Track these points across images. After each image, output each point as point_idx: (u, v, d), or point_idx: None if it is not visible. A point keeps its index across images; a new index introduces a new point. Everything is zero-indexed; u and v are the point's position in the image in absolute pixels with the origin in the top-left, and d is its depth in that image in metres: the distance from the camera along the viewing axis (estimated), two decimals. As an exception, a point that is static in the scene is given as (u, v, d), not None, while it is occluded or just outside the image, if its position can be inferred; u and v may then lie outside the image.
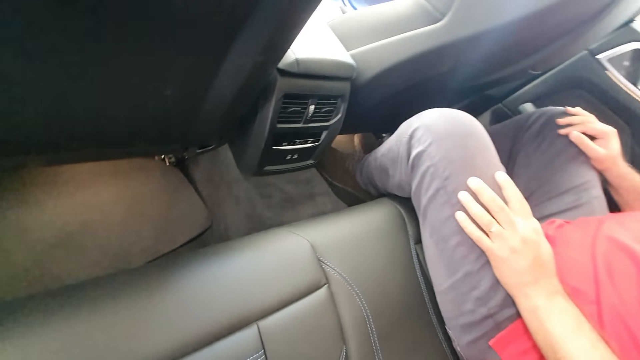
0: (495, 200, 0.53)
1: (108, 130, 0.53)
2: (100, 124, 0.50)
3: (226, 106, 0.56)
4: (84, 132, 0.51)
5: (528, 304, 0.49)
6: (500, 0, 0.55)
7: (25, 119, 0.42)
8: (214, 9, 0.34)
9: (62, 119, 0.45)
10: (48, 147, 0.53)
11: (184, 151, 0.75)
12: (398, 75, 0.71)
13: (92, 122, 0.49)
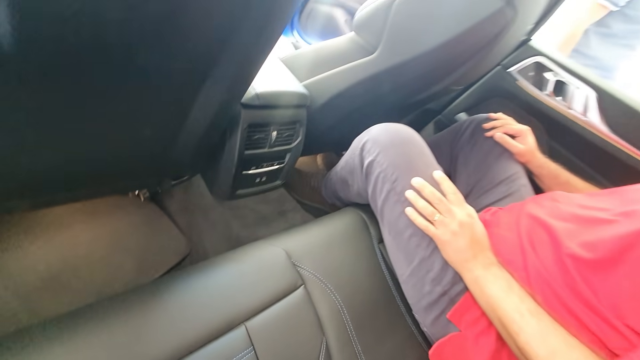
0: (435, 194, 0.64)
1: (88, 173, 0.58)
2: (80, 168, 0.55)
3: (197, 140, 0.63)
4: (64, 176, 0.56)
5: (470, 276, 0.59)
6: (417, 35, 0.69)
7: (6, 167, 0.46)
8: (185, 65, 0.42)
9: (42, 166, 0.50)
10: (28, 192, 0.57)
11: (158, 185, 0.81)
12: (346, 99, 0.82)
13: (73, 166, 0.54)
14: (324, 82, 0.82)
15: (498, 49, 0.81)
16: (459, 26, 0.65)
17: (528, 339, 0.50)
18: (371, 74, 0.74)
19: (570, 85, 1.01)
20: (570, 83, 1.01)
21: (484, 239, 0.63)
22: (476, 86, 1.18)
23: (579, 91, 1.00)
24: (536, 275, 0.59)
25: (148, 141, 0.56)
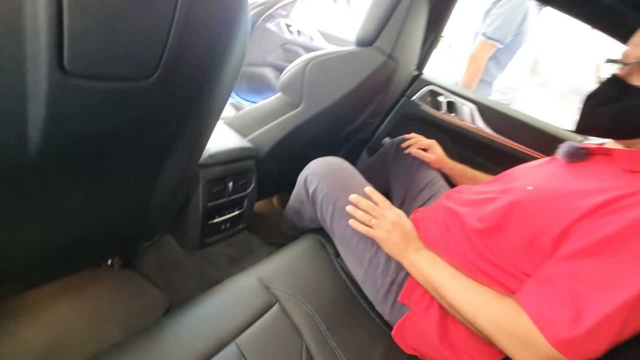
0: (369, 204, 0.80)
1: (69, 251, 0.66)
2: (62, 248, 0.64)
3: (166, 204, 0.75)
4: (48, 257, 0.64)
5: (407, 261, 0.74)
6: (329, 89, 0.90)
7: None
8: (155, 150, 0.56)
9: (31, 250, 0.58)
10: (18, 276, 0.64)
11: (133, 250, 0.89)
12: (285, 146, 1.00)
13: (56, 247, 0.62)
14: (264, 134, 0.99)
15: (394, 87, 1.05)
16: (357, 78, 0.88)
17: (453, 294, 0.65)
18: (300, 123, 0.93)
19: (457, 104, 1.30)
20: (457, 102, 1.30)
21: (413, 231, 0.79)
22: (391, 115, 1.44)
23: (464, 107, 1.28)
24: (453, 250, 0.76)
25: (123, 214, 0.67)
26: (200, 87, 0.50)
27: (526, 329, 0.56)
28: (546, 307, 0.55)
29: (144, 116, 0.44)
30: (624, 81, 0.60)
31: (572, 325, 0.52)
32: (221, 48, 0.47)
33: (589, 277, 0.53)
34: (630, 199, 0.55)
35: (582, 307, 0.52)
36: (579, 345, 0.52)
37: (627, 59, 0.61)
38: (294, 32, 2.04)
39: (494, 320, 0.59)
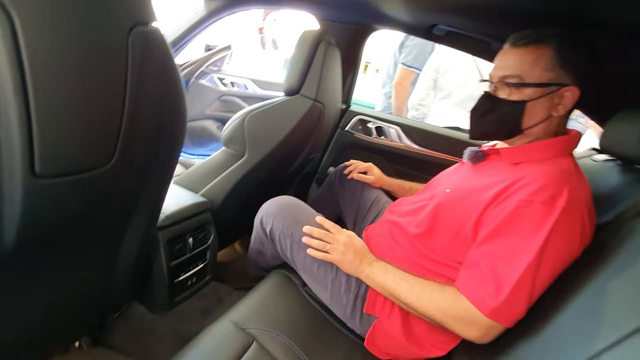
0: (321, 232, 0.88)
1: (28, 340, 0.66)
2: (19, 337, 0.63)
3: (130, 271, 0.78)
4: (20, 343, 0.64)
5: (364, 275, 0.82)
6: (268, 137, 1.01)
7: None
8: (112, 222, 0.61)
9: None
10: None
11: (99, 326, 0.88)
12: (237, 194, 1.08)
13: (10, 338, 0.61)
14: (215, 187, 1.06)
15: (326, 124, 1.19)
16: (291, 123, 1.00)
17: (405, 294, 0.75)
18: (247, 171, 1.02)
19: (385, 127, 1.48)
20: (384, 125, 1.48)
21: (364, 247, 0.87)
22: (331, 147, 1.58)
23: (391, 129, 1.47)
24: (401, 255, 0.88)
25: (88, 289, 0.69)
26: (154, 159, 0.57)
27: (465, 307, 0.67)
28: (476, 286, 0.67)
29: (107, 196, 0.50)
30: (494, 96, 0.78)
31: (496, 295, 0.64)
32: (167, 123, 0.55)
33: (499, 254, 0.67)
34: (516, 186, 0.70)
35: (499, 279, 0.65)
36: (505, 310, 0.64)
37: (492, 78, 0.79)
38: (228, 84, 2.16)
39: (440, 307, 0.70)
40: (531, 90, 0.72)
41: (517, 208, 0.67)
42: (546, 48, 0.70)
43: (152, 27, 0.45)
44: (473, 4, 0.84)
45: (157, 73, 0.48)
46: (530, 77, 0.72)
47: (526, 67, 0.72)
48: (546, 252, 0.63)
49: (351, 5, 1.26)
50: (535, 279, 0.64)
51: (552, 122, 0.75)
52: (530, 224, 0.65)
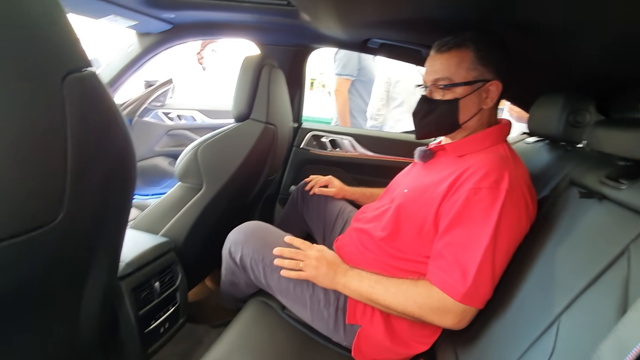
0: (291, 251, 0.86)
1: None
2: None
3: (95, 329, 0.72)
4: None
5: (340, 286, 0.82)
6: (224, 165, 1.00)
7: None
8: (68, 278, 0.56)
9: None
10: None
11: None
12: (200, 228, 1.04)
13: None
14: (176, 224, 1.02)
15: (280, 144, 1.21)
16: (245, 149, 1.00)
17: (383, 296, 0.76)
18: (208, 203, 1.00)
19: (338, 139, 1.53)
20: (337, 138, 1.53)
21: (336, 259, 0.87)
22: (289, 166, 1.60)
23: (345, 140, 1.52)
24: (372, 260, 0.90)
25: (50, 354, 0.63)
26: (106, 207, 0.54)
27: (439, 298, 0.71)
28: (444, 275, 0.71)
29: (59, 254, 0.46)
30: (431, 98, 0.85)
31: (463, 281, 0.68)
32: (116, 167, 0.53)
33: (459, 242, 0.72)
34: (463, 176, 0.76)
35: (464, 265, 0.69)
36: (474, 293, 0.68)
37: (426, 83, 0.86)
38: (175, 118, 2.11)
39: (416, 302, 0.73)
40: (461, 89, 0.80)
41: (468, 197, 0.72)
42: (466, 50, 0.79)
43: (87, 72, 0.44)
44: (398, 19, 0.91)
45: (98, 119, 0.46)
46: (458, 77, 0.79)
47: (453, 69, 0.79)
48: (499, 233, 0.69)
49: (288, 29, 1.31)
50: (494, 259, 0.69)
51: (484, 114, 0.83)
52: (481, 209, 0.71)
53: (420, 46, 1.13)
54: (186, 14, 1.23)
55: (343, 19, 0.99)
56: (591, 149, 0.71)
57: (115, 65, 1.48)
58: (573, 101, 0.82)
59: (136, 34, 1.43)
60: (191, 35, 1.42)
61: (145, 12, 1.18)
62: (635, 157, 0.57)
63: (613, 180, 0.60)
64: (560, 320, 0.52)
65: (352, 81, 2.08)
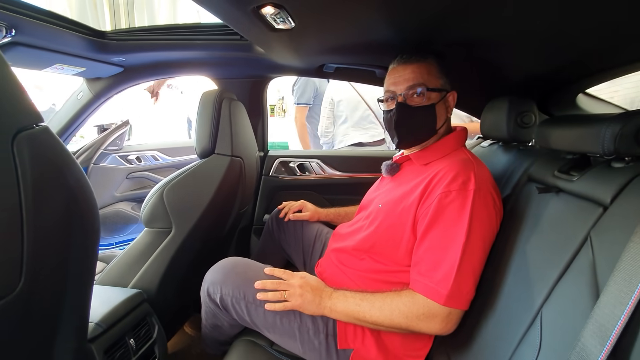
0: (273, 283, 0.84)
1: None
2: None
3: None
4: None
5: (327, 310, 0.80)
6: (193, 203, 0.97)
7: None
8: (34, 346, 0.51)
9: None
10: None
11: None
12: (172, 273, 0.99)
13: None
14: (147, 273, 0.96)
15: (249, 175, 1.19)
16: (213, 185, 0.98)
17: (370, 313, 0.75)
18: (179, 245, 0.95)
19: (305, 163, 1.54)
20: (305, 162, 1.54)
21: (320, 283, 0.86)
22: (260, 195, 1.58)
23: (312, 163, 1.53)
24: (354, 277, 0.89)
25: None
26: (69, 266, 0.50)
27: (424, 304, 0.72)
28: (426, 281, 0.73)
29: (21, 324, 0.42)
30: (408, 105, 0.86)
31: (445, 283, 0.70)
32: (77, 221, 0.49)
33: (436, 245, 0.74)
34: (433, 182, 0.78)
35: (443, 267, 0.71)
36: (457, 293, 0.70)
37: (396, 92, 0.86)
38: (134, 161, 2.03)
39: (402, 312, 0.73)
40: (435, 95, 0.85)
41: (440, 200, 0.75)
42: (431, 62, 0.85)
43: (38, 128, 0.42)
44: (348, 44, 0.95)
45: (54, 175, 0.44)
46: (432, 84, 0.84)
47: (425, 76, 0.84)
48: (473, 231, 0.71)
49: (244, 62, 1.32)
50: (472, 257, 0.71)
51: (448, 121, 0.89)
52: (453, 210, 0.73)
53: (374, 67, 1.18)
54: (137, 56, 1.22)
55: (296, 49, 1.02)
56: (540, 146, 0.77)
57: (64, 113, 1.41)
58: (517, 104, 0.90)
59: (85, 80, 1.39)
60: (144, 76, 1.39)
61: (94, 57, 1.15)
62: (580, 150, 0.62)
63: (565, 174, 0.65)
64: (541, 313, 0.54)
65: (310, 107, 2.25)
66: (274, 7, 0.65)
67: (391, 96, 0.89)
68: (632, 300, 0.40)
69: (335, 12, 0.69)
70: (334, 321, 0.85)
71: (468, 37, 0.79)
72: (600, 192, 0.54)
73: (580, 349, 0.43)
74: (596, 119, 0.57)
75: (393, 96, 0.88)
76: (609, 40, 0.69)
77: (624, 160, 0.55)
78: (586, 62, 0.83)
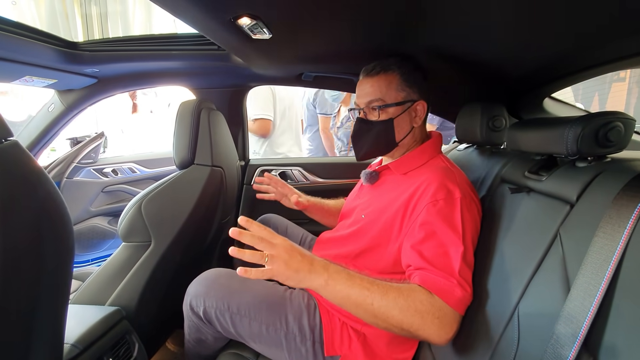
0: (252, 236, 0.62)
1: None
2: None
3: None
4: None
5: (319, 282, 0.63)
6: (172, 214, 0.95)
7: None
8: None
9: None
10: None
11: None
12: (155, 286, 0.96)
13: None
14: (126, 289, 0.93)
15: (230, 185, 1.18)
16: (193, 196, 0.96)
17: (379, 302, 0.63)
18: (159, 259, 0.93)
19: (287, 171, 1.54)
20: (286, 169, 1.54)
21: (308, 252, 0.67)
22: (242, 204, 1.56)
23: (294, 171, 1.54)
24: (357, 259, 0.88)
25: None
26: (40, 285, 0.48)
27: (440, 307, 0.64)
28: (441, 283, 0.66)
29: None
30: (367, 119, 0.89)
31: (460, 288, 0.65)
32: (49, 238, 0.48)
33: (438, 253, 0.69)
34: (417, 193, 0.78)
35: (451, 271, 0.66)
36: (464, 297, 0.65)
37: (359, 106, 0.90)
38: (109, 174, 1.97)
39: (417, 310, 0.63)
40: (393, 109, 0.86)
41: (428, 210, 0.74)
42: (393, 74, 0.86)
43: (7, 143, 0.41)
44: (324, 53, 0.97)
45: (24, 191, 0.42)
46: (389, 99, 0.85)
47: (384, 90, 0.85)
48: (466, 237, 0.71)
49: (222, 72, 1.32)
50: (470, 262, 0.70)
51: (416, 131, 0.90)
52: (445, 218, 0.72)
53: (352, 75, 1.20)
54: (112, 67, 1.19)
55: (273, 59, 1.03)
56: (511, 149, 0.81)
57: (35, 127, 1.36)
58: (489, 109, 0.93)
59: (56, 92, 1.34)
60: (119, 87, 1.36)
61: (65, 69, 1.12)
62: (547, 151, 0.66)
63: (534, 174, 0.68)
64: (519, 309, 0.56)
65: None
66: (250, 18, 0.66)
67: (357, 110, 0.92)
68: (599, 292, 0.42)
69: (309, 22, 0.71)
70: (320, 327, 0.85)
71: (439, 45, 0.82)
72: (567, 190, 0.57)
73: (555, 340, 0.45)
74: (560, 121, 0.60)
75: (358, 109, 0.91)
76: (571, 49, 0.73)
77: (587, 160, 0.59)
78: (551, 68, 0.88)
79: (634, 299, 0.40)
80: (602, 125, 0.54)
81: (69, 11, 3.19)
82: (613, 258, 0.42)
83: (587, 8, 0.55)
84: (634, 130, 0.57)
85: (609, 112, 0.56)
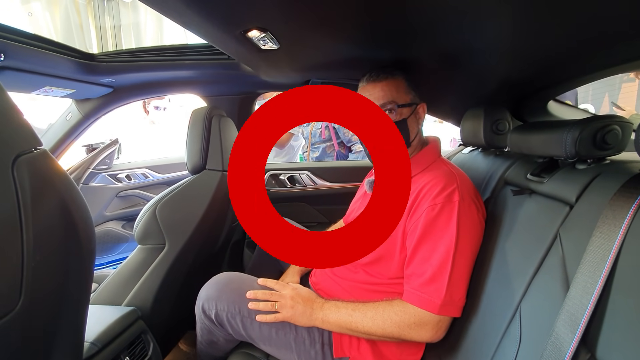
0: (265, 293, 0.85)
1: None
2: None
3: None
4: None
5: (320, 321, 0.81)
6: (185, 217, 0.98)
7: None
8: None
9: None
10: None
11: None
12: (168, 287, 1.00)
13: None
14: (141, 290, 0.97)
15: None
16: (205, 200, 1.00)
17: (362, 323, 0.77)
18: (173, 261, 0.97)
19: (295, 175, 1.57)
20: (295, 174, 1.57)
21: (312, 294, 0.87)
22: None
23: (302, 175, 1.56)
24: (347, 287, 0.91)
25: None
26: (66, 286, 0.52)
27: (414, 313, 0.74)
28: (419, 293, 0.74)
29: (18, 343, 0.43)
30: None
31: (438, 293, 0.72)
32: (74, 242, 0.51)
33: (427, 257, 0.76)
34: (419, 196, 0.81)
35: (436, 279, 0.73)
36: (449, 302, 0.72)
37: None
38: (123, 179, 2.03)
39: (394, 321, 0.75)
40: (406, 110, 0.88)
41: (427, 214, 0.77)
42: (399, 79, 0.88)
43: (37, 152, 0.44)
44: (331, 61, 1.00)
45: (53, 197, 0.46)
46: (401, 100, 0.88)
47: (394, 93, 0.87)
48: (461, 240, 0.74)
49: (232, 80, 1.36)
50: (462, 265, 0.74)
51: (420, 134, 0.92)
52: (441, 223, 0.76)
53: (356, 80, 1.23)
54: (127, 77, 1.24)
55: (281, 67, 1.07)
56: (513, 152, 0.82)
57: (53, 135, 1.42)
58: (492, 113, 0.95)
59: (73, 101, 1.40)
60: (134, 96, 1.42)
61: (83, 79, 1.17)
62: (548, 154, 0.67)
63: (536, 176, 0.69)
64: (520, 308, 0.57)
65: None
66: (259, 31, 0.69)
67: None
68: (596, 290, 0.44)
69: (315, 32, 0.74)
70: (329, 334, 0.87)
71: (443, 51, 0.84)
72: (567, 192, 0.58)
73: (555, 338, 0.47)
74: (559, 124, 0.62)
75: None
76: (575, 51, 0.74)
77: (586, 162, 0.60)
78: (555, 71, 0.89)
79: (629, 295, 0.41)
80: (599, 129, 0.56)
81: (84, 23, 3.30)
82: (609, 257, 0.44)
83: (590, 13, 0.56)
84: (632, 133, 0.58)
85: (607, 115, 0.58)
